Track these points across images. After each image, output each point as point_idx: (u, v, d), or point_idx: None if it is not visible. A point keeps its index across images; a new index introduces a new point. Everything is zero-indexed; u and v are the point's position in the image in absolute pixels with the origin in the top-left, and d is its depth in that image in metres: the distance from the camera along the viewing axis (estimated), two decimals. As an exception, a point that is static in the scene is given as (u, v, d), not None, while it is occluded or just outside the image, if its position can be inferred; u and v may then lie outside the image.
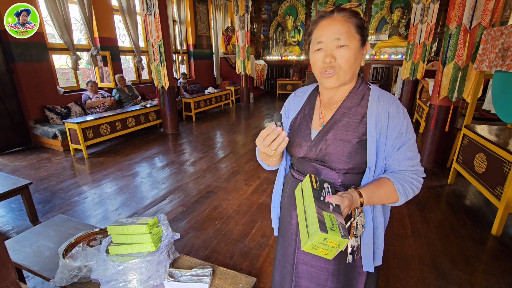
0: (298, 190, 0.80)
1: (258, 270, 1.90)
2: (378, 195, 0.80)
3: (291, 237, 0.99)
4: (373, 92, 0.87)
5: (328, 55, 0.79)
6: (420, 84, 5.75)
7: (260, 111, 7.62)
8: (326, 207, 0.69)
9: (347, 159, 0.83)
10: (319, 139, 0.87)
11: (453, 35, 2.95)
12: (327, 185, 0.77)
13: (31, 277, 1.81)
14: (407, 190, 0.81)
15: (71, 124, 4.01)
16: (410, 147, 0.84)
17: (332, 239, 0.61)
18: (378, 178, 0.84)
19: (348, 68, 0.81)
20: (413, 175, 0.84)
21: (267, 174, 3.46)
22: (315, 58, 0.83)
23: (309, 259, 0.94)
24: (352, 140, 0.83)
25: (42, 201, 2.84)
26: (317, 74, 0.85)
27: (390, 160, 0.85)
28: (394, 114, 0.83)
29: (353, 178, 0.87)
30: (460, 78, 3.03)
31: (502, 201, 2.19)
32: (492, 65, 2.30)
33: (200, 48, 8.69)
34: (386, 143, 0.83)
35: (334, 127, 0.86)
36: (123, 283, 1.12)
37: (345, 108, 0.87)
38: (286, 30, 9.99)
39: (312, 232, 0.62)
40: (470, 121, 2.89)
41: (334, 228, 0.62)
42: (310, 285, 0.96)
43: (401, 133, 0.82)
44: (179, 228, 2.37)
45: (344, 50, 0.79)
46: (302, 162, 0.94)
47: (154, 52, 4.87)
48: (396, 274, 1.86)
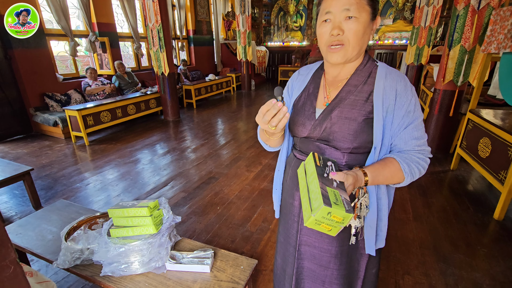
0: (301, 169, 0.79)
1: (259, 254, 1.91)
2: (383, 175, 0.78)
3: (293, 218, 0.98)
4: (380, 69, 0.83)
5: (336, 27, 0.75)
6: (425, 69, 5.64)
7: (261, 98, 7.54)
8: (330, 183, 0.67)
9: (352, 137, 0.80)
10: (323, 117, 0.84)
11: (460, 16, 2.85)
12: (331, 163, 0.76)
13: (35, 260, 1.84)
14: (413, 169, 0.79)
15: (72, 111, 3.99)
16: (417, 126, 0.81)
17: (336, 213, 0.60)
18: (383, 158, 0.82)
19: (356, 42, 0.76)
20: (419, 154, 0.81)
21: (269, 160, 3.45)
22: (322, 31, 0.79)
23: (312, 240, 0.93)
24: (358, 118, 0.80)
25: (45, 187, 2.85)
26: (323, 48, 0.81)
27: (397, 140, 0.82)
28: (402, 92, 0.80)
29: (358, 158, 0.85)
30: (466, 61, 2.95)
31: (505, 186, 2.17)
32: (500, 47, 2.22)
33: (200, 34, 8.52)
34: (393, 122, 0.80)
35: (340, 105, 0.83)
36: (125, 264, 1.12)
37: (351, 86, 0.84)
38: (288, 14, 9.75)
39: (316, 206, 0.60)
40: (475, 105, 2.84)
41: (338, 202, 0.61)
42: (312, 266, 0.96)
43: (408, 112, 0.80)
44: (181, 213, 2.38)
45: (353, 22, 0.74)
46: (305, 142, 0.91)
47: (153, 38, 4.78)
48: (397, 257, 1.87)
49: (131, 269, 1.13)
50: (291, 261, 1.01)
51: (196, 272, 1.16)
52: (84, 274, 1.18)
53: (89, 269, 1.20)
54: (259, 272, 1.75)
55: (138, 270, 1.14)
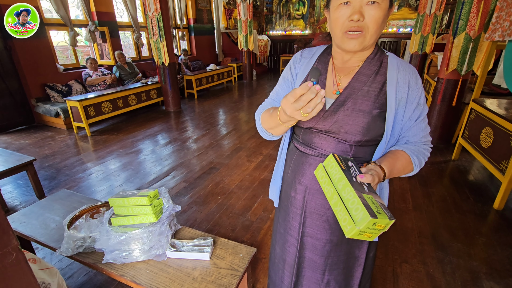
0: (321, 172, 0.73)
1: (259, 242, 1.94)
2: (396, 168, 0.77)
3: (295, 211, 0.97)
4: (391, 59, 0.81)
5: (357, 11, 0.69)
6: (429, 58, 5.54)
7: (263, 88, 7.49)
8: (362, 188, 0.65)
9: (365, 131, 0.78)
10: (335, 108, 0.80)
11: (466, 2, 2.78)
12: (352, 164, 0.73)
13: (40, 248, 1.88)
14: (421, 161, 0.82)
15: (73, 102, 3.99)
16: (425, 118, 0.83)
17: (381, 223, 0.58)
18: (392, 151, 0.81)
19: (375, 30, 0.72)
20: (425, 146, 0.84)
21: (269, 150, 3.46)
22: (339, 14, 0.73)
23: (315, 232, 0.94)
24: (372, 111, 0.77)
25: (48, 177, 2.89)
26: (338, 33, 0.76)
27: (406, 132, 0.82)
28: (414, 85, 0.79)
29: (365, 150, 0.83)
30: (471, 50, 2.89)
31: (506, 175, 2.17)
32: (505, 34, 2.17)
33: (201, 23, 8.40)
34: (405, 115, 0.80)
35: (353, 96, 0.79)
36: (126, 252, 1.14)
37: (363, 75, 0.80)
38: (290, 2, 9.55)
39: (360, 218, 0.58)
40: (478, 94, 2.80)
41: (379, 211, 0.60)
42: (313, 257, 0.97)
43: (419, 105, 0.80)
44: (182, 203, 2.41)
45: (375, 8, 0.69)
46: (309, 133, 0.87)
47: (153, 27, 4.72)
48: (395, 246, 1.89)
49: (132, 257, 1.16)
50: (291, 251, 1.01)
51: (196, 260, 1.19)
52: (86, 262, 1.21)
53: (92, 256, 1.23)
54: (259, 260, 1.78)
55: (139, 258, 1.16)
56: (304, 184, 0.92)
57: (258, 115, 0.93)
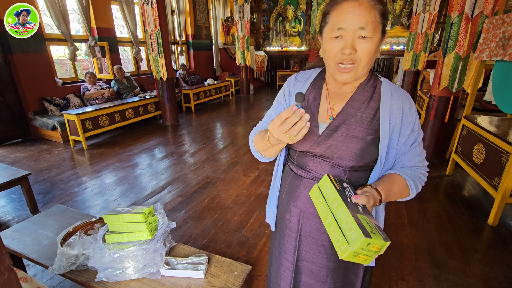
0: (316, 192, 0.73)
1: (255, 259, 1.92)
2: (393, 192, 0.78)
3: (290, 234, 0.96)
4: (384, 85, 0.82)
5: (349, 46, 0.71)
6: (421, 74, 5.69)
7: (260, 102, 7.58)
8: (356, 209, 0.64)
9: (359, 157, 0.78)
10: (329, 134, 0.81)
11: (454, 24, 2.90)
12: (347, 185, 0.73)
13: (31, 265, 1.84)
14: (417, 185, 0.82)
15: (70, 115, 4.01)
16: (420, 143, 0.84)
17: (375, 243, 0.57)
18: (388, 175, 0.81)
19: (367, 62, 0.74)
20: (421, 170, 0.85)
21: (266, 165, 3.47)
22: (331, 46, 0.74)
23: (310, 256, 0.92)
24: (366, 137, 0.78)
25: (42, 191, 2.86)
26: (331, 64, 0.77)
27: (402, 157, 0.83)
28: (408, 111, 0.80)
29: (359, 176, 0.84)
30: (461, 68, 2.99)
31: (499, 192, 2.19)
32: (492, 55, 2.26)
33: (199, 39, 8.59)
34: (399, 140, 0.80)
35: (346, 122, 0.80)
36: (120, 270, 1.13)
37: (357, 101, 0.81)
38: (286, 20, 9.84)
39: (354, 238, 0.57)
40: (470, 111, 2.87)
41: (374, 231, 0.58)
42: (309, 281, 0.95)
43: (413, 130, 0.81)
44: (177, 218, 2.39)
45: (367, 42, 0.71)
46: (304, 156, 0.87)
47: (152, 43, 4.82)
48: (392, 263, 1.88)
49: (126, 275, 1.14)
50: (286, 275, 0.99)
51: (190, 278, 1.17)
52: (79, 280, 1.19)
53: (84, 274, 1.21)
54: (254, 278, 1.76)
55: (133, 276, 1.15)
56: (298, 207, 0.91)
57: (252, 137, 0.95)
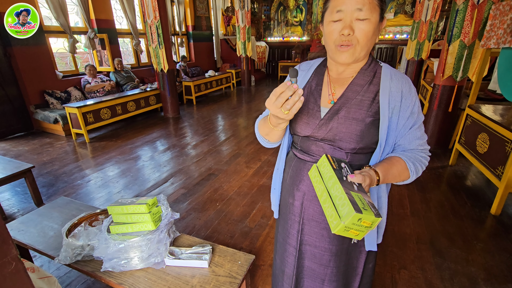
0: (314, 172, 0.77)
1: (258, 249, 1.94)
2: (391, 173, 0.79)
3: (293, 218, 0.97)
4: (384, 70, 0.84)
5: (347, 26, 0.74)
6: (425, 64, 5.61)
7: (261, 94, 7.53)
8: (351, 187, 0.67)
9: (359, 138, 0.80)
10: (329, 117, 0.83)
11: (460, 10, 2.84)
12: (344, 165, 0.76)
13: (38, 256, 1.87)
14: (417, 168, 0.83)
15: (71, 108, 4.00)
16: (420, 126, 0.84)
17: (366, 219, 0.60)
18: (389, 157, 0.83)
19: (365, 43, 0.76)
20: (422, 153, 0.85)
21: (268, 156, 3.47)
22: (331, 29, 0.77)
23: (313, 239, 0.94)
24: (365, 119, 0.80)
25: (46, 184, 2.88)
26: (331, 46, 0.80)
27: (401, 140, 0.84)
28: (407, 94, 0.81)
29: (361, 158, 0.85)
30: (465, 57, 2.94)
31: (502, 181, 2.18)
32: (500, 42, 2.22)
33: (200, 30, 8.48)
34: (398, 123, 0.82)
35: (346, 105, 0.82)
36: (125, 260, 1.15)
37: (357, 86, 0.83)
38: (288, 9, 9.67)
39: (345, 213, 0.60)
40: (474, 101, 2.84)
41: (366, 207, 0.61)
42: (313, 265, 0.97)
43: (413, 113, 0.82)
44: (180, 210, 2.41)
45: (364, 23, 0.74)
46: (307, 141, 0.90)
47: (152, 34, 4.77)
48: (394, 252, 1.90)
49: (131, 265, 1.16)
50: (290, 261, 1.01)
51: (194, 267, 1.19)
52: (85, 270, 1.21)
53: (90, 264, 1.23)
54: (258, 267, 1.78)
55: (138, 266, 1.16)
56: (302, 190, 0.93)
57: (256, 124, 0.97)
